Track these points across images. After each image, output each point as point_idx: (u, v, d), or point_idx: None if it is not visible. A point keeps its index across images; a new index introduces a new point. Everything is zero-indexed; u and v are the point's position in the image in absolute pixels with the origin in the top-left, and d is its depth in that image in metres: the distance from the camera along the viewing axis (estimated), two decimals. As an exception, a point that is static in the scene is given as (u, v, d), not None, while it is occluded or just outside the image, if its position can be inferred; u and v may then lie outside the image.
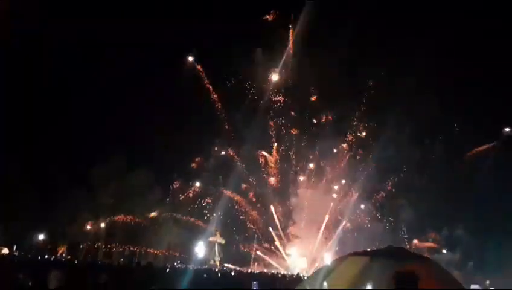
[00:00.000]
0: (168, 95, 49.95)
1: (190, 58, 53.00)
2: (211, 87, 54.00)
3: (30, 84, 45.36)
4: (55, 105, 47.32)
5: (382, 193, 53.45)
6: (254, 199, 55.45)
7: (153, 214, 51.96)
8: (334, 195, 54.51)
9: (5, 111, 41.50)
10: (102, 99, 48.37)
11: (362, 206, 53.21)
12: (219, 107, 54.22)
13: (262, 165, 55.97)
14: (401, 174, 52.20)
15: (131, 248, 52.00)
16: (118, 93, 48.63)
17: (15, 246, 42.85)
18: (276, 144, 56.04)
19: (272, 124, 55.86)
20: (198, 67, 53.56)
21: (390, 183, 53.04)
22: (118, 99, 48.99)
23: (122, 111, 49.27)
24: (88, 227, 49.72)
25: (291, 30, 53.91)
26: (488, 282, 37.37)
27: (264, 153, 55.77)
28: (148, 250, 51.39)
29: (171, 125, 49.23)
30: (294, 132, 55.85)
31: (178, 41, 49.62)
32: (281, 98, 55.75)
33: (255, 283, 25.26)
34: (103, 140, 48.53)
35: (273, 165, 56.07)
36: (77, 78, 47.94)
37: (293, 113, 55.97)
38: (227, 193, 53.45)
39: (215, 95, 54.13)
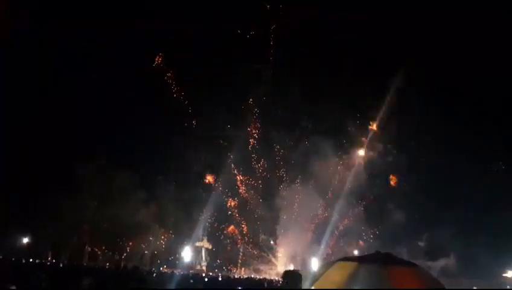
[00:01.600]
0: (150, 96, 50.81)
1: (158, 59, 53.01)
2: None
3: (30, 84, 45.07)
4: (43, 105, 46.68)
5: (371, 197, 53.21)
6: (237, 203, 55.25)
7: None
8: (323, 197, 54.09)
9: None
10: (89, 99, 48.05)
11: (351, 210, 53.18)
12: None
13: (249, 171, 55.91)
14: (391, 179, 52.39)
15: (117, 252, 51.48)
16: (104, 93, 48.33)
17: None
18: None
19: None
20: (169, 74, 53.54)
21: (379, 188, 53.15)
22: (103, 99, 48.75)
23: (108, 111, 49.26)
24: (72, 229, 48.92)
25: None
26: (475, 288, 37.59)
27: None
28: (134, 253, 50.90)
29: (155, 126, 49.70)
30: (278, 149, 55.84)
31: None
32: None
33: (239, 288, 25.12)
34: (87, 140, 48.08)
35: (259, 169, 56.03)
36: (69, 78, 47.38)
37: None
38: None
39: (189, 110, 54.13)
